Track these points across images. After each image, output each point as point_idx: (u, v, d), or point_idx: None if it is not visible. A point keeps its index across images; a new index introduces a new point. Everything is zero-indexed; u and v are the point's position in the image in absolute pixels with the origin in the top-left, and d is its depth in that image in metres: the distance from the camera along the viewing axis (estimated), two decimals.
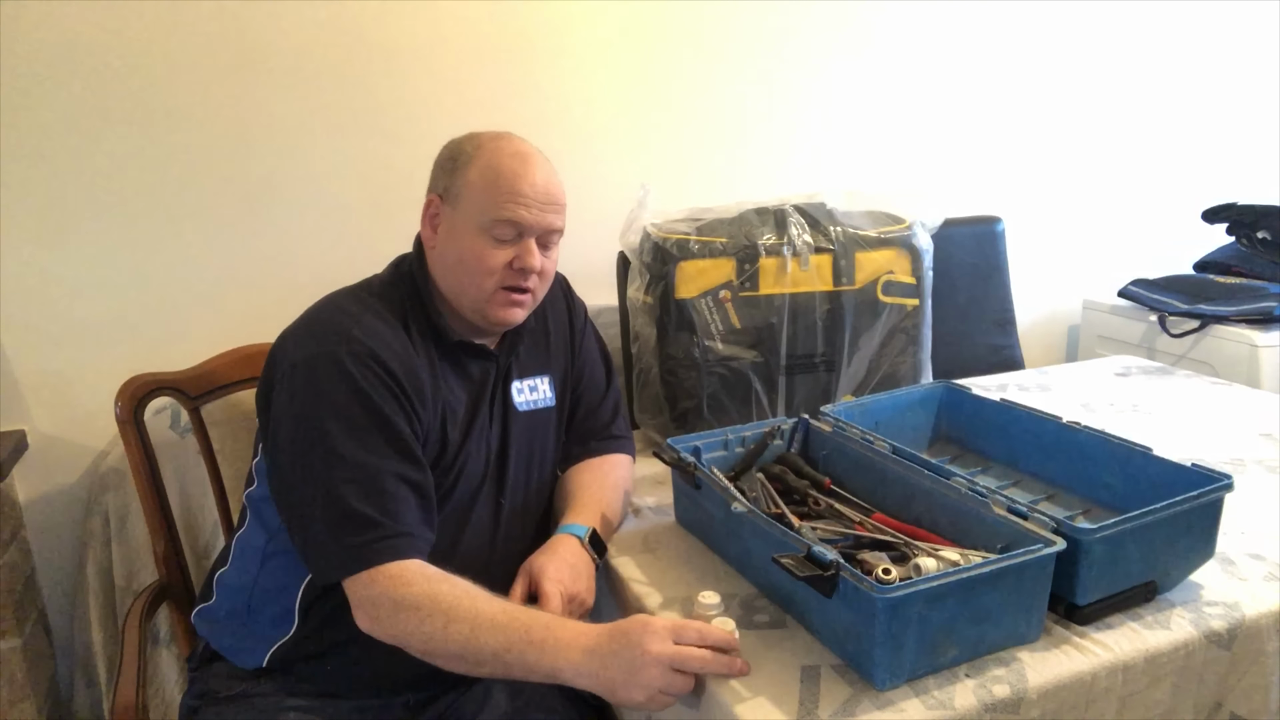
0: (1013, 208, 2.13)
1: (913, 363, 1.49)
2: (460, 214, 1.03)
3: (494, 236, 1.01)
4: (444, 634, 0.87)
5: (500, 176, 1.01)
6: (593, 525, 1.08)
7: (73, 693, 1.53)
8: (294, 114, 1.55)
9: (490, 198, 1.01)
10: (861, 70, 1.98)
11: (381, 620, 0.91)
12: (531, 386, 1.15)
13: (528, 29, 1.67)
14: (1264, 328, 1.92)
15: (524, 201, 1.01)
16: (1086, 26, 2.19)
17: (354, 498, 0.92)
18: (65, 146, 1.43)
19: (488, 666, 0.88)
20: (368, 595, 0.91)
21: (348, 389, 0.95)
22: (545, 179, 1.03)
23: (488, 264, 1.01)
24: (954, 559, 0.88)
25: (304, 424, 0.95)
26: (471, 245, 1.02)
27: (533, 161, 1.03)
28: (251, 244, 1.58)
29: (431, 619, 0.88)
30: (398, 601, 0.89)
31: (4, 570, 1.38)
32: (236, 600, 1.09)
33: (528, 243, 1.02)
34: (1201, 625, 0.90)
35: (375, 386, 0.96)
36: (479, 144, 1.04)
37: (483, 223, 1.01)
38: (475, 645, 0.87)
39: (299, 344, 0.99)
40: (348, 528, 0.92)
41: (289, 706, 1.03)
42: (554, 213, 1.04)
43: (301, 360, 0.97)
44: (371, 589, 0.91)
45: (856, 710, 0.79)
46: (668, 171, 1.84)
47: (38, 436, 1.50)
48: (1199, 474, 0.96)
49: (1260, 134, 2.48)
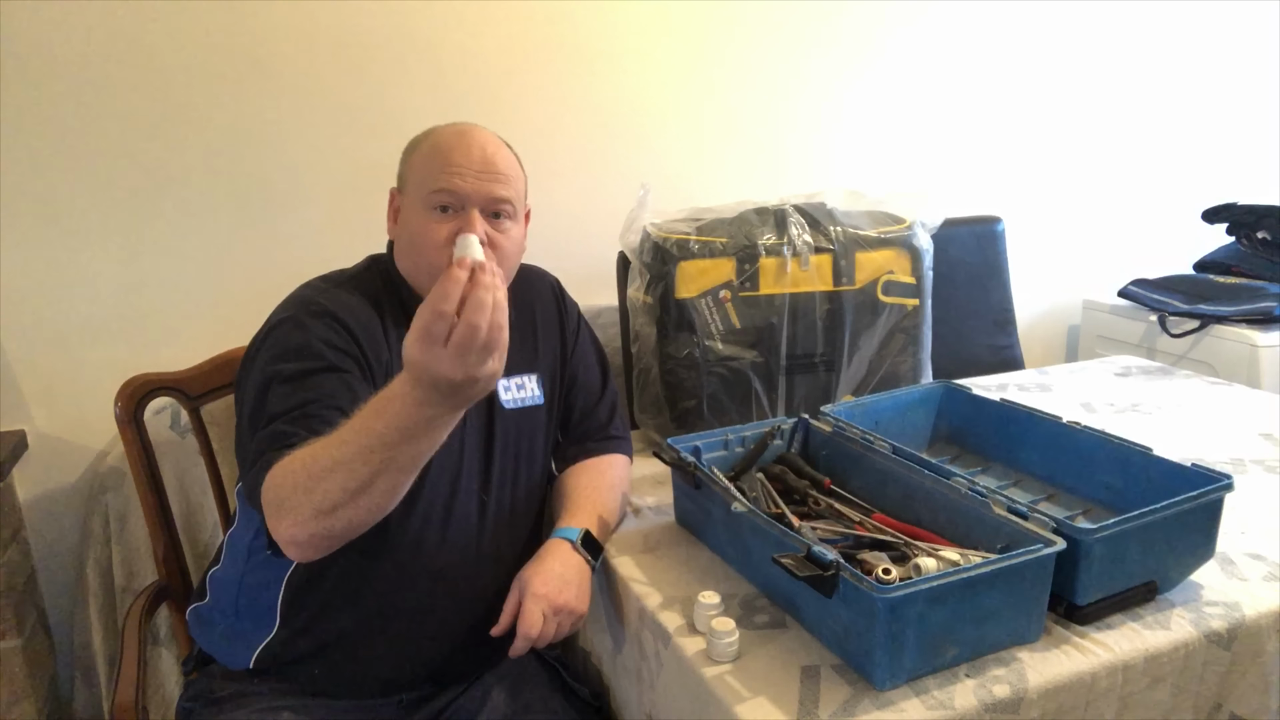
0: (1013, 208, 2.13)
1: (913, 363, 1.49)
2: (407, 196, 1.06)
3: (435, 208, 1.03)
4: (320, 483, 0.81)
5: (437, 150, 1.04)
6: (587, 527, 1.08)
7: (73, 693, 1.53)
8: (295, 115, 1.55)
9: (429, 172, 1.03)
10: (862, 70, 1.98)
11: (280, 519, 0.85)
12: (519, 385, 1.15)
13: (527, 29, 1.67)
14: (1264, 328, 1.92)
15: (458, 170, 1.02)
16: (1086, 27, 2.19)
17: (282, 419, 0.91)
18: (65, 147, 1.43)
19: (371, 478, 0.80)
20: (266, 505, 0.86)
21: (300, 339, 0.97)
22: (484, 149, 1.04)
23: (433, 237, 1.02)
24: (954, 559, 0.88)
25: (259, 376, 0.97)
26: (418, 223, 1.04)
27: (472, 135, 1.05)
28: (252, 244, 1.58)
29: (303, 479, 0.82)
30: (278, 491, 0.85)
31: (4, 570, 1.38)
32: (225, 599, 1.09)
33: (470, 213, 1.02)
34: (1201, 625, 0.90)
35: (330, 340, 0.98)
36: (428, 132, 1.08)
37: (424, 197, 1.03)
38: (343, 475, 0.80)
39: (269, 318, 1.04)
40: (265, 442, 0.90)
41: (283, 706, 1.04)
42: (494, 181, 1.03)
43: (267, 328, 1.01)
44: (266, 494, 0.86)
45: (856, 710, 0.79)
46: (668, 171, 1.83)
47: (38, 436, 1.50)
48: (1199, 474, 0.96)
49: (1260, 134, 2.49)
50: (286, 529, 0.85)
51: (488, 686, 1.12)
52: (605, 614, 1.14)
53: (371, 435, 0.79)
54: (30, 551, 1.51)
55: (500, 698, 1.10)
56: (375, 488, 0.81)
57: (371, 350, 1.01)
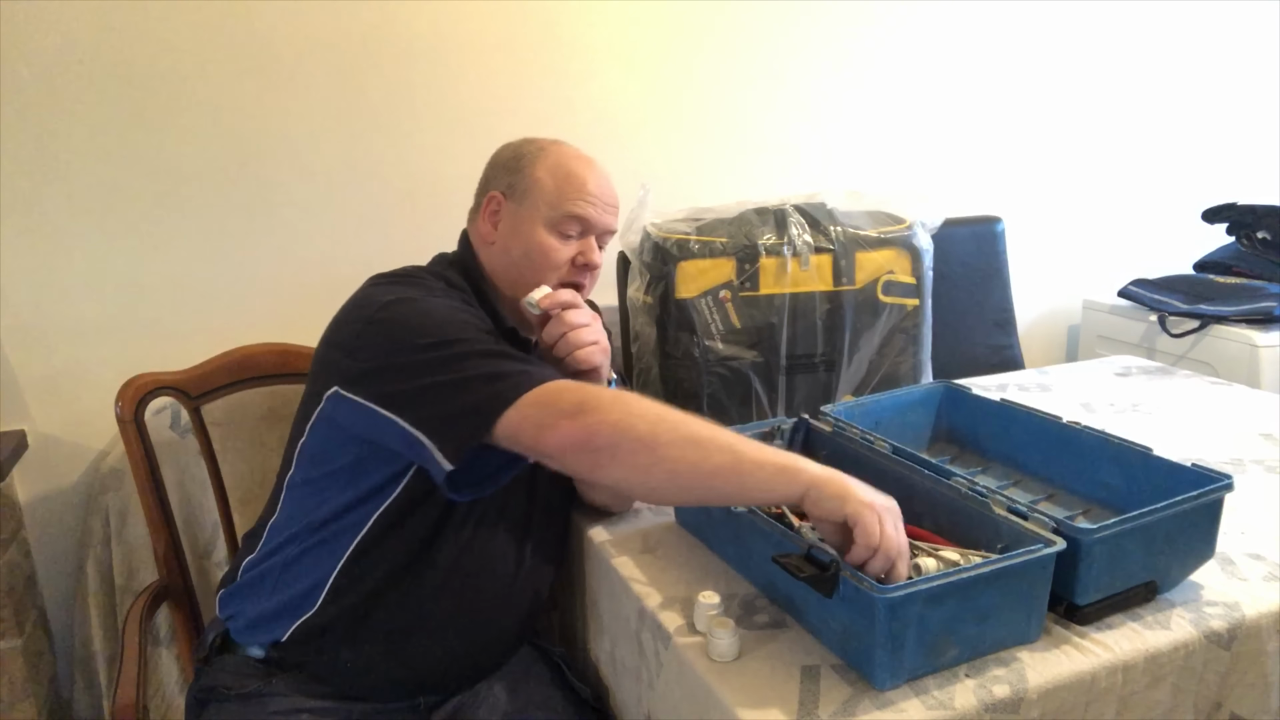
0: (1013, 208, 2.13)
1: (913, 363, 1.49)
2: (526, 209, 1.08)
3: (561, 232, 1.07)
4: (654, 433, 0.83)
5: (570, 175, 1.08)
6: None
7: (73, 693, 1.53)
8: (296, 114, 1.55)
9: (560, 194, 1.07)
10: (862, 70, 1.98)
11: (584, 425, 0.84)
12: None
13: (529, 29, 1.67)
14: (1264, 328, 1.92)
15: (591, 199, 1.07)
16: (1086, 27, 2.19)
17: (482, 367, 0.90)
18: (65, 146, 1.43)
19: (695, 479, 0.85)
20: (548, 400, 0.85)
21: (446, 307, 0.99)
22: (607, 181, 1.11)
23: (554, 258, 1.07)
24: (954, 559, 0.88)
25: (409, 340, 0.93)
26: (540, 239, 1.07)
27: (595, 165, 1.12)
28: (252, 244, 1.58)
29: (640, 416, 0.83)
30: (596, 400, 0.85)
31: (4, 570, 1.39)
32: (266, 581, 1.07)
33: (590, 240, 1.09)
34: (1201, 625, 0.90)
35: (466, 309, 1.01)
36: (541, 146, 1.12)
37: (551, 218, 1.07)
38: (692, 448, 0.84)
39: (388, 289, 1.01)
40: (506, 372, 0.89)
41: (303, 708, 1.02)
42: (613, 214, 1.12)
43: (394, 298, 0.98)
44: (547, 394, 0.86)
45: (856, 710, 0.79)
46: (668, 171, 1.83)
47: (38, 436, 1.50)
48: (1199, 474, 0.96)
49: (1260, 134, 2.49)
50: (571, 430, 0.83)
51: (490, 683, 1.12)
52: (605, 613, 1.14)
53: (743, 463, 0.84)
54: (30, 551, 1.51)
55: (502, 695, 1.10)
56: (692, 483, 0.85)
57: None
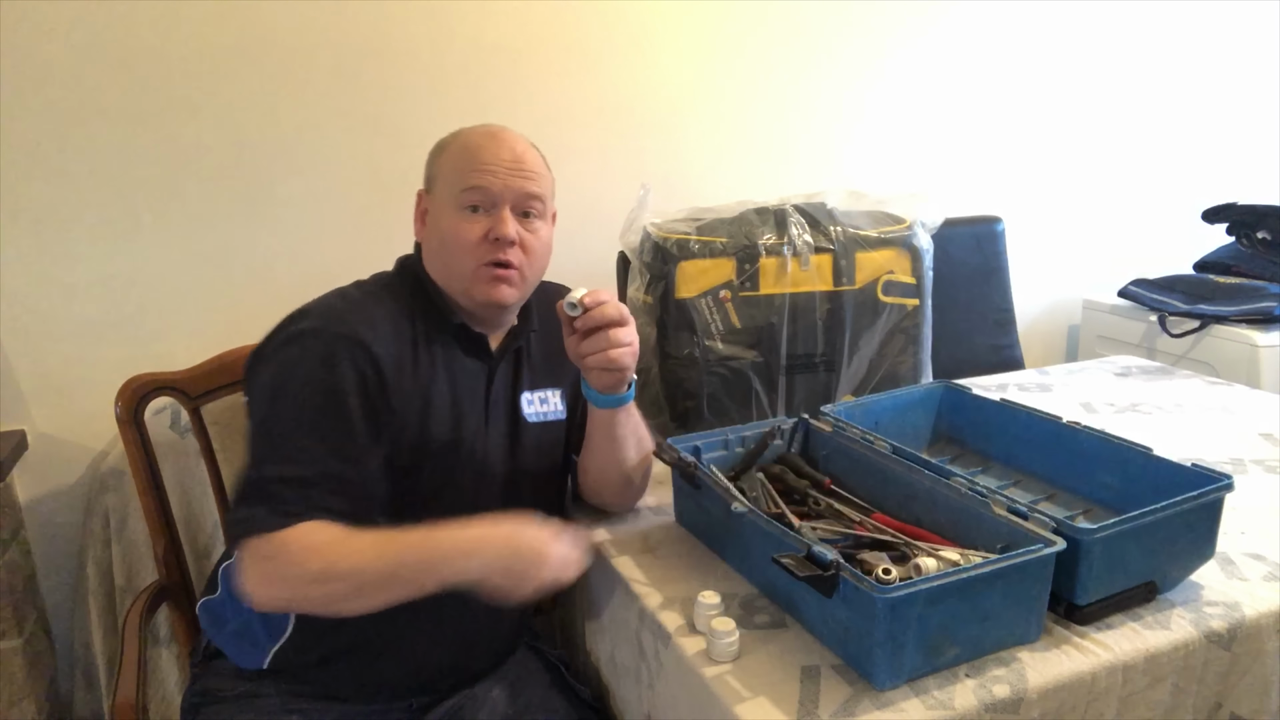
0: (1013, 208, 2.13)
1: (913, 363, 1.49)
2: (437, 197, 1.06)
3: (466, 207, 1.03)
4: (326, 584, 0.88)
5: (466, 150, 1.04)
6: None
7: (73, 693, 1.53)
8: (295, 114, 1.55)
9: (459, 172, 1.03)
10: (862, 71, 1.98)
11: (266, 585, 0.90)
12: (542, 399, 1.15)
13: (528, 29, 1.67)
14: (1264, 328, 1.92)
15: (488, 168, 1.02)
16: (1086, 27, 2.19)
17: (278, 478, 0.91)
18: (65, 146, 1.43)
19: (382, 602, 0.89)
20: (253, 562, 0.89)
21: (322, 371, 0.95)
22: (513, 147, 1.04)
23: (463, 238, 1.02)
24: (954, 559, 0.88)
25: (268, 390, 0.96)
26: (449, 223, 1.03)
27: (501, 136, 1.05)
28: (252, 244, 1.58)
29: (311, 575, 0.88)
30: (280, 571, 0.88)
31: (4, 570, 1.39)
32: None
33: (501, 211, 1.02)
34: (1201, 625, 0.90)
35: (347, 375, 0.95)
36: (456, 134, 1.08)
37: (454, 196, 1.03)
38: (357, 590, 0.89)
39: (295, 319, 1.01)
40: (257, 498, 0.91)
41: (293, 709, 1.03)
42: (524, 178, 1.03)
43: (294, 333, 0.98)
44: (259, 550, 0.89)
45: (856, 710, 0.79)
46: (668, 171, 1.84)
47: (38, 436, 1.50)
48: (1199, 474, 0.96)
49: (1260, 134, 2.49)
50: (267, 595, 0.90)
51: (489, 686, 1.12)
52: (605, 614, 1.14)
53: (418, 575, 0.89)
54: (30, 551, 1.51)
55: (501, 697, 1.10)
56: (380, 604, 0.90)
57: (394, 375, 0.99)
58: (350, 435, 0.95)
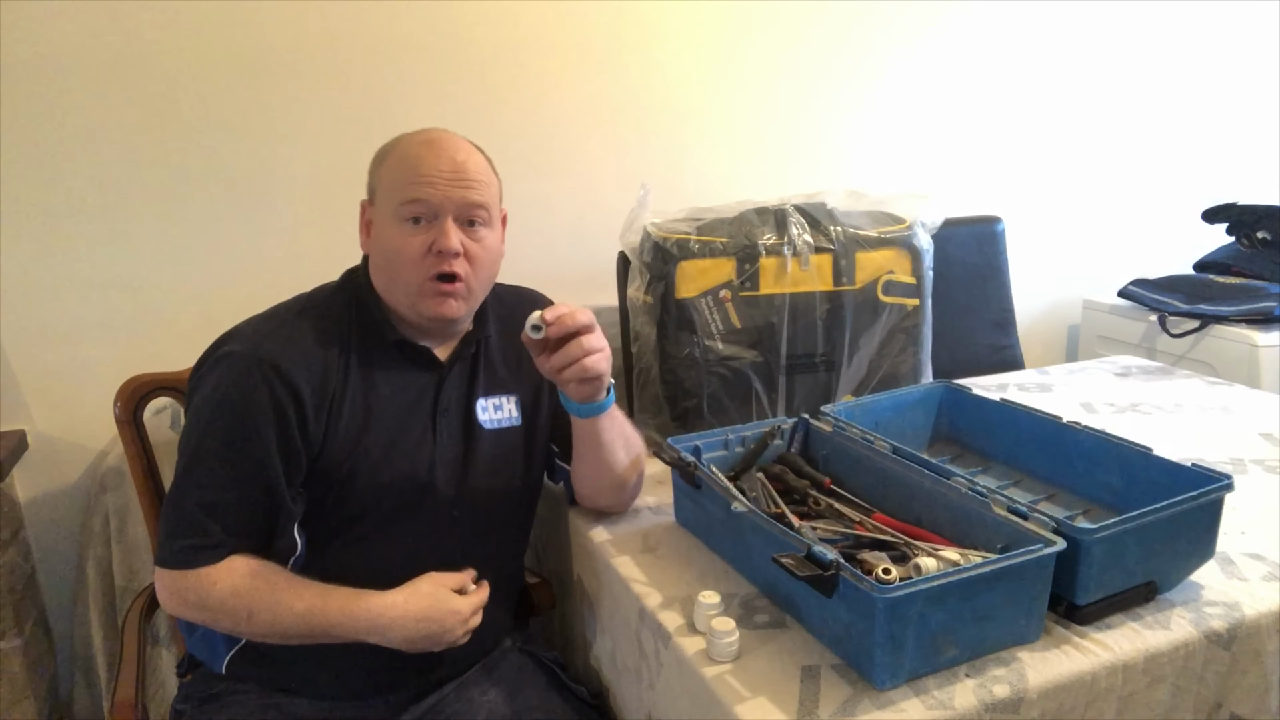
0: (1013, 208, 2.13)
1: (913, 363, 1.49)
2: (378, 209, 1.04)
3: (407, 220, 1.00)
4: (248, 626, 0.97)
5: (405, 161, 1.02)
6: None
7: (73, 693, 1.53)
8: (295, 114, 1.55)
9: (398, 184, 1.01)
10: (862, 70, 1.98)
11: (184, 610, 0.98)
12: (497, 405, 1.13)
13: (529, 29, 1.67)
14: (1264, 328, 1.92)
15: (428, 179, 0.99)
16: (1086, 27, 2.19)
17: (196, 503, 0.97)
18: (65, 147, 1.43)
19: (298, 642, 0.98)
20: (175, 589, 0.97)
21: (238, 397, 0.97)
22: (454, 156, 1.01)
23: (406, 252, 1.00)
24: (954, 559, 0.88)
25: (193, 416, 1.00)
26: (390, 236, 1.01)
27: (441, 143, 1.02)
28: (252, 244, 1.58)
29: (234, 616, 0.96)
30: (200, 602, 0.96)
31: (4, 570, 1.39)
32: None
33: (443, 222, 1.00)
34: (1201, 625, 0.90)
35: (263, 403, 0.97)
36: (396, 141, 1.06)
37: (394, 209, 1.01)
38: (278, 634, 0.97)
39: (224, 340, 1.03)
40: (180, 526, 0.97)
41: (271, 704, 1.04)
42: (466, 188, 1.01)
43: (218, 357, 1.00)
44: (180, 583, 0.96)
45: (856, 710, 0.79)
46: (668, 171, 1.84)
47: (38, 436, 1.50)
48: (1199, 474, 0.96)
49: (1260, 134, 2.49)
50: (182, 614, 1.00)
51: (484, 689, 1.11)
52: (605, 613, 1.14)
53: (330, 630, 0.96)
54: (30, 551, 1.51)
55: (498, 699, 1.10)
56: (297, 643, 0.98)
57: (313, 398, 0.99)
58: (263, 462, 0.97)
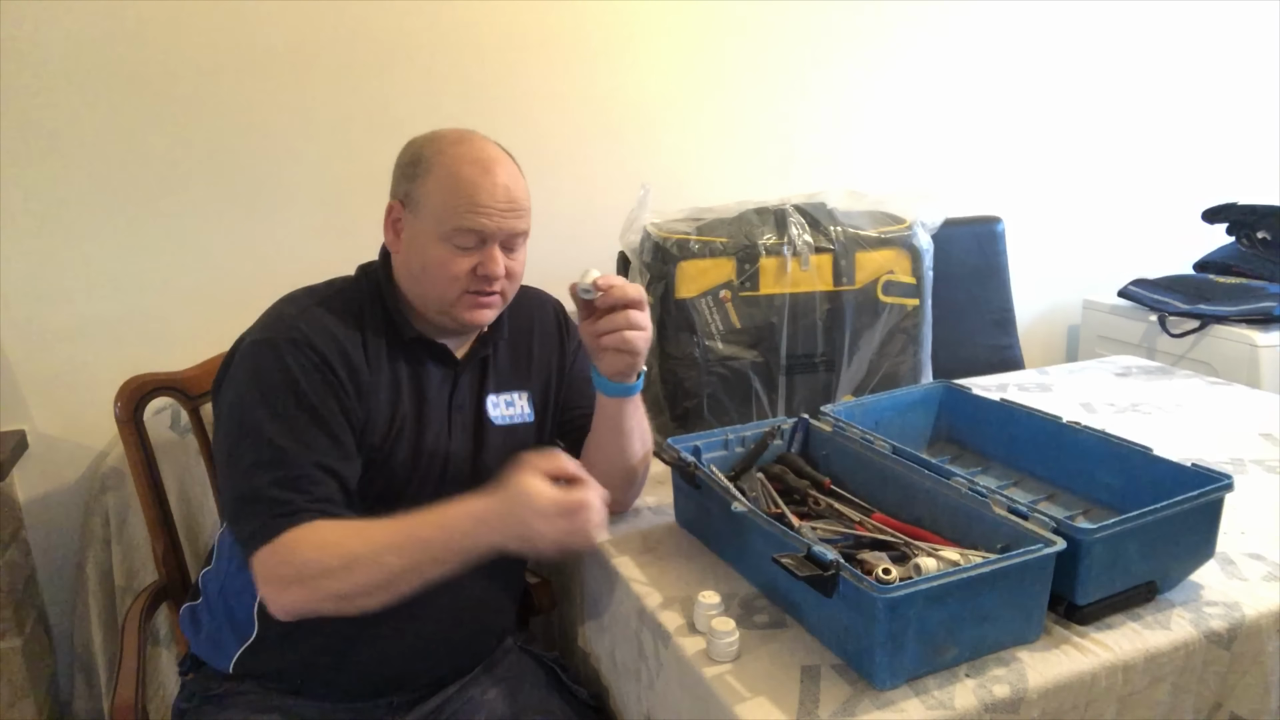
0: (1013, 208, 2.13)
1: (913, 363, 1.49)
2: (421, 222, 1.02)
3: (456, 245, 1.00)
4: (350, 582, 0.90)
5: (460, 185, 0.99)
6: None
7: (73, 693, 1.53)
8: (295, 114, 1.55)
9: (450, 207, 0.99)
10: (862, 71, 1.98)
11: (285, 592, 0.91)
12: (509, 401, 1.14)
13: (529, 28, 1.68)
14: (1264, 328, 1.92)
15: (484, 210, 0.99)
16: (1086, 27, 2.19)
17: (270, 482, 0.93)
18: (66, 147, 1.43)
19: (406, 585, 0.91)
20: (268, 569, 0.91)
21: (282, 376, 0.96)
22: (506, 184, 1.01)
23: (451, 271, 1.01)
24: (954, 559, 0.88)
25: (237, 408, 0.97)
26: (435, 254, 1.01)
27: (493, 167, 1.01)
28: (252, 243, 1.58)
29: (334, 575, 0.89)
30: (297, 573, 0.90)
31: (4, 570, 1.39)
32: (215, 599, 1.09)
33: (491, 250, 1.01)
34: (1201, 625, 0.90)
35: (308, 373, 0.96)
36: (439, 149, 1.03)
37: (443, 231, 1.00)
38: (385, 577, 0.90)
39: (250, 333, 1.02)
40: (257, 507, 0.92)
41: (273, 706, 1.04)
42: (516, 218, 1.02)
43: (247, 347, 1.00)
44: (270, 560, 0.90)
45: (856, 710, 0.79)
46: (668, 171, 1.84)
47: (38, 436, 1.50)
48: (1199, 474, 0.96)
49: (1260, 134, 2.49)
50: (293, 601, 0.91)
51: (485, 688, 1.11)
52: (605, 614, 1.14)
53: (436, 564, 0.91)
54: (30, 551, 1.51)
55: (498, 700, 1.10)
56: (405, 588, 0.91)
57: (350, 378, 0.99)
58: (324, 427, 0.96)
